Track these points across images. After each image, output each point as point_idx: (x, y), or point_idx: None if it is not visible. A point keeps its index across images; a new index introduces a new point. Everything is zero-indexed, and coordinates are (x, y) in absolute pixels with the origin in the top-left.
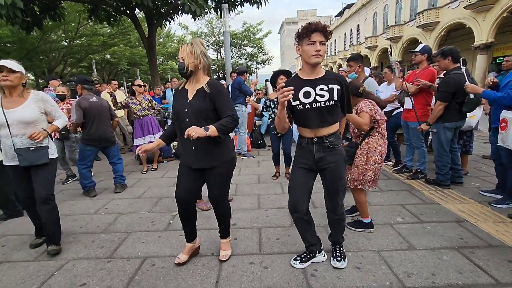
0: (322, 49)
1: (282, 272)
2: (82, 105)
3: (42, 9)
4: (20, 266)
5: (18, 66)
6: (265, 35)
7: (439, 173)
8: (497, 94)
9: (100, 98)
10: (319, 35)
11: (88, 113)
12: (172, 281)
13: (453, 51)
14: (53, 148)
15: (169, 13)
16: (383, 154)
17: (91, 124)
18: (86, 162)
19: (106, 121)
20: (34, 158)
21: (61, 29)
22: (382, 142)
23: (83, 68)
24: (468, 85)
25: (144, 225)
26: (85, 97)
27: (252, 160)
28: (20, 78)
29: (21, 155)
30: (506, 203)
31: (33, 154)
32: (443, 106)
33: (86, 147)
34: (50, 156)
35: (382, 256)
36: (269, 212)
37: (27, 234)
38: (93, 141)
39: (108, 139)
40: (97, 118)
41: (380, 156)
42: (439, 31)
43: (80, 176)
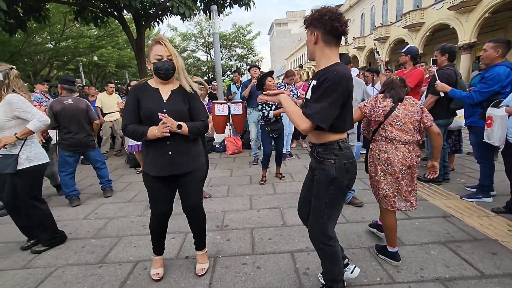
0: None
1: (275, 271)
2: (53, 108)
3: (25, 11)
4: (7, 274)
5: None
6: (254, 36)
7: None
8: (462, 93)
9: (78, 100)
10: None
11: (61, 117)
12: (164, 284)
13: (452, 50)
14: (23, 158)
15: (158, 14)
16: (394, 163)
17: (67, 128)
18: (66, 168)
19: (83, 124)
20: (2, 165)
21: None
22: (391, 147)
23: (70, 70)
24: (438, 84)
25: (135, 229)
26: (60, 99)
27: (244, 161)
28: None
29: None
30: (476, 197)
31: (1, 161)
32: (435, 99)
33: (64, 153)
34: (19, 167)
35: (373, 252)
36: (261, 212)
37: (14, 241)
38: (70, 146)
39: (86, 144)
40: (73, 121)
41: (389, 165)
42: (424, 31)
43: (61, 184)
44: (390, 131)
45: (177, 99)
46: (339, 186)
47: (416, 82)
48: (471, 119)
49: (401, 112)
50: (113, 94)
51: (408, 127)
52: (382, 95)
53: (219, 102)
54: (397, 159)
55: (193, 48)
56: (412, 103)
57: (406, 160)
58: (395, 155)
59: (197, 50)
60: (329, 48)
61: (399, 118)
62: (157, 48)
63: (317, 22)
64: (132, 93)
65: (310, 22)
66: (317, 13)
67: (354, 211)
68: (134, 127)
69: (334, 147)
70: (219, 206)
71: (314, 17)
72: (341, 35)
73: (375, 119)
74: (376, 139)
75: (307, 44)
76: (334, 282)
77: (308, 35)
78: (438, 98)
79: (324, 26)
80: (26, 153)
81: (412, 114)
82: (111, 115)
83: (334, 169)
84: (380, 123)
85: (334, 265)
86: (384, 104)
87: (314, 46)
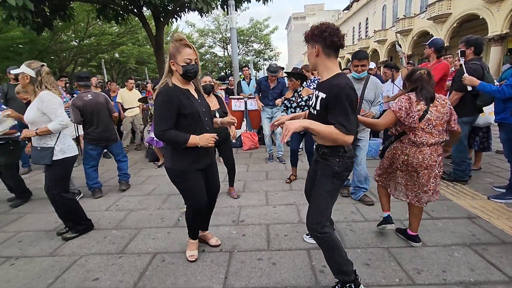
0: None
1: (291, 268)
2: (76, 105)
3: (52, 10)
4: (36, 261)
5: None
6: (272, 31)
7: (457, 169)
8: (492, 87)
9: (97, 95)
10: None
11: (84, 112)
12: (181, 276)
13: (478, 42)
14: (57, 149)
15: (176, 10)
16: (411, 164)
17: (89, 122)
18: (90, 161)
19: (105, 117)
20: (38, 158)
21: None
22: (415, 151)
23: (93, 67)
24: (465, 77)
25: (154, 222)
26: (80, 95)
27: (260, 157)
28: (23, 79)
29: (32, 152)
30: (506, 197)
31: (38, 153)
32: (459, 96)
33: (88, 146)
34: (54, 158)
35: (392, 252)
36: (277, 208)
37: (42, 230)
38: (93, 140)
39: (108, 138)
40: (95, 115)
41: (404, 165)
42: (451, 22)
43: (85, 176)
44: (420, 136)
45: (203, 99)
46: (340, 179)
47: (440, 76)
48: (502, 115)
49: (433, 114)
50: (133, 90)
51: (437, 130)
52: (414, 95)
53: (235, 98)
54: (416, 161)
55: (210, 44)
56: (443, 103)
57: (425, 162)
58: (415, 158)
59: (214, 45)
60: (330, 60)
61: (431, 121)
62: (187, 51)
63: (317, 37)
64: (171, 98)
65: (311, 37)
66: (317, 29)
67: (373, 209)
68: (174, 134)
69: (339, 150)
70: (235, 201)
71: (314, 33)
72: (339, 48)
73: (410, 125)
74: (402, 140)
75: (308, 57)
76: (344, 274)
77: (309, 48)
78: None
79: (324, 41)
80: (60, 145)
81: (443, 116)
82: (131, 110)
83: (338, 166)
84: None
85: (336, 252)
86: (418, 108)
87: (316, 58)
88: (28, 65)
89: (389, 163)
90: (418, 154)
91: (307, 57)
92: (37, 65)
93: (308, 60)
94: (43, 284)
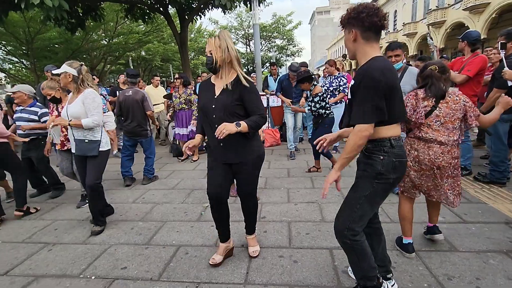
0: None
1: (313, 267)
2: (119, 99)
3: (84, 11)
4: (70, 248)
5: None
6: (295, 26)
7: (496, 170)
8: None
9: (136, 92)
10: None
11: (122, 106)
12: (204, 269)
13: None
14: (103, 142)
15: (200, 8)
16: (423, 161)
17: (126, 116)
18: (124, 151)
19: (138, 114)
20: (86, 149)
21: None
22: (423, 146)
23: (121, 65)
24: (506, 71)
25: (177, 215)
26: (124, 90)
27: (282, 154)
28: (65, 78)
29: (77, 145)
30: None
31: (86, 145)
32: (501, 94)
33: (124, 137)
34: (101, 149)
35: (420, 256)
36: (299, 206)
37: (75, 219)
38: (127, 132)
39: (140, 133)
40: (130, 111)
41: (416, 163)
42: (489, 13)
43: (120, 164)
44: (425, 132)
45: (228, 94)
46: (384, 182)
47: (476, 71)
48: None
49: (443, 111)
50: (158, 87)
51: (446, 127)
52: (422, 92)
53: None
54: (427, 158)
55: (233, 41)
56: (456, 99)
57: (436, 161)
58: (425, 154)
59: (237, 42)
60: (369, 45)
61: (439, 118)
62: (207, 45)
63: (354, 20)
64: (199, 90)
65: (347, 21)
66: (354, 11)
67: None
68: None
69: (384, 144)
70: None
71: (350, 15)
72: (380, 29)
73: (416, 121)
74: (409, 135)
75: (346, 43)
76: (368, 280)
77: (345, 34)
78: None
79: (362, 23)
80: (104, 138)
81: (454, 113)
82: (156, 106)
83: (382, 165)
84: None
85: (364, 261)
86: (425, 103)
87: (354, 44)
88: (69, 64)
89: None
90: (427, 150)
91: (345, 43)
92: (77, 64)
93: (346, 47)
94: (77, 270)
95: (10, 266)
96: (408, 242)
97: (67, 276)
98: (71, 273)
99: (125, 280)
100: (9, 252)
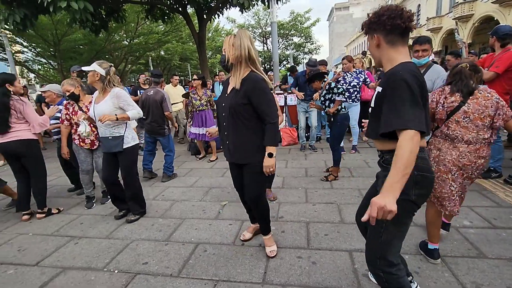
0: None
1: (332, 269)
2: (142, 98)
3: (107, 13)
4: (95, 242)
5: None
6: (313, 23)
7: None
8: None
9: (156, 92)
10: None
11: (144, 105)
12: (222, 267)
13: None
14: (129, 137)
15: (218, 7)
16: (442, 161)
17: (146, 115)
18: (146, 147)
19: (157, 113)
20: (111, 146)
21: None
22: (448, 146)
23: (141, 65)
24: None
25: (196, 213)
26: (147, 90)
27: (299, 153)
28: (92, 76)
29: (103, 142)
30: None
31: (110, 142)
32: None
33: (146, 134)
34: (125, 145)
35: (446, 262)
36: (317, 206)
37: (99, 214)
38: (147, 130)
39: (157, 131)
40: (150, 110)
41: (435, 163)
42: None
43: (142, 159)
44: (453, 129)
45: (236, 93)
46: (404, 199)
47: (505, 67)
48: None
49: (471, 107)
50: (177, 86)
51: (475, 124)
52: (449, 88)
53: (275, 93)
54: (448, 158)
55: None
56: (487, 96)
57: (460, 161)
58: (448, 154)
59: (254, 40)
60: (394, 49)
61: (468, 114)
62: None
63: (375, 24)
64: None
65: (368, 26)
66: (374, 15)
67: (422, 213)
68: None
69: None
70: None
71: (371, 20)
72: (405, 32)
73: (440, 116)
74: (435, 134)
75: (370, 50)
76: None
77: (369, 40)
78: None
79: (383, 27)
80: (130, 134)
81: (484, 109)
82: (175, 105)
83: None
84: (445, 119)
85: None
86: (451, 99)
87: (378, 50)
88: (99, 64)
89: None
90: (451, 151)
91: (369, 51)
92: (107, 65)
93: (371, 55)
94: (101, 263)
95: (41, 257)
96: (434, 248)
97: (92, 269)
98: (95, 266)
99: (146, 275)
100: (39, 244)
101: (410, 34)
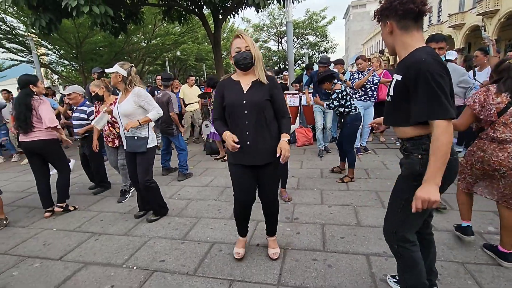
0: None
1: (348, 272)
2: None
3: (126, 15)
4: (114, 238)
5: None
6: (329, 22)
7: None
8: None
9: (164, 94)
10: None
11: None
12: (237, 268)
13: None
14: (150, 138)
15: (234, 7)
16: (487, 162)
17: None
18: (163, 146)
19: (165, 114)
20: (136, 146)
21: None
22: (495, 148)
23: (158, 65)
24: None
25: (211, 212)
26: (158, 93)
27: (314, 154)
28: (115, 78)
29: (127, 142)
30: None
31: (135, 142)
32: None
33: (158, 134)
34: (148, 146)
35: (468, 269)
36: (333, 208)
37: (118, 212)
38: (160, 130)
39: (165, 131)
40: None
41: (479, 162)
42: None
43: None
44: (501, 132)
45: (257, 89)
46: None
47: None
48: None
49: None
50: (193, 86)
51: None
52: (495, 87)
53: (290, 93)
54: (495, 160)
55: (265, 39)
56: None
57: (510, 161)
58: (493, 155)
59: (269, 40)
60: (408, 35)
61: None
62: (236, 42)
63: (387, 11)
64: (218, 89)
65: (380, 12)
66: (386, 1)
67: (444, 218)
68: (217, 125)
69: (423, 142)
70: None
71: (383, 7)
72: (419, 16)
73: (486, 119)
74: (481, 136)
75: (384, 38)
76: None
77: (382, 28)
78: None
79: (395, 12)
80: (151, 135)
81: None
82: (191, 105)
83: (421, 165)
84: (492, 122)
85: (408, 273)
86: (498, 100)
87: (391, 37)
88: (121, 65)
89: (466, 161)
90: (498, 152)
91: (383, 39)
92: (128, 66)
93: (384, 43)
94: (120, 260)
95: (64, 252)
96: (467, 225)
97: (111, 265)
98: (115, 262)
99: (164, 272)
100: (62, 240)
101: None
